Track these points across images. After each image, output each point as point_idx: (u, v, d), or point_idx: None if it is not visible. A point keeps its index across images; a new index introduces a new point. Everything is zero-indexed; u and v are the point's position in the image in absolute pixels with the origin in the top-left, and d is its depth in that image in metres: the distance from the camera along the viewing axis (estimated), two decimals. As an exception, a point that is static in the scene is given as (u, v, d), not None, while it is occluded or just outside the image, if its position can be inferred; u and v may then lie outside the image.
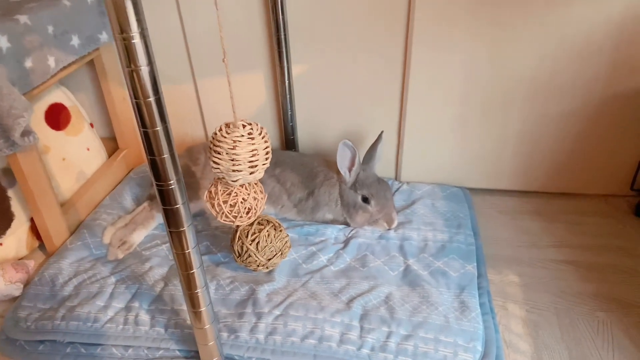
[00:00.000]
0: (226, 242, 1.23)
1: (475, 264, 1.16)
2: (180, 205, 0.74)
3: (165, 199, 0.74)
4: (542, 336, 1.05)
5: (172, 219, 0.76)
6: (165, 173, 0.71)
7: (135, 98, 0.65)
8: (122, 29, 0.60)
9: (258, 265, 1.12)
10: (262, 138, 0.97)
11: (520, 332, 1.06)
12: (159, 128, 0.68)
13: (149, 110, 0.66)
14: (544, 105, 1.32)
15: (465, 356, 0.95)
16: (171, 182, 0.72)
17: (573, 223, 1.35)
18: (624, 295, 1.14)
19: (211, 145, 0.98)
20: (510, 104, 1.33)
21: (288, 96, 1.40)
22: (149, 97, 0.65)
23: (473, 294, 1.08)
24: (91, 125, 1.49)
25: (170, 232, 0.78)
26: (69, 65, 1.25)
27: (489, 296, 1.10)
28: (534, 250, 1.27)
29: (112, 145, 1.57)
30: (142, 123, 0.67)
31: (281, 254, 1.13)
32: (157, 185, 0.73)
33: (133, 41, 0.61)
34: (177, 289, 1.11)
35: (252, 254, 1.09)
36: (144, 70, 0.64)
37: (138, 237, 1.26)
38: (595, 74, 1.26)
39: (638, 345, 1.03)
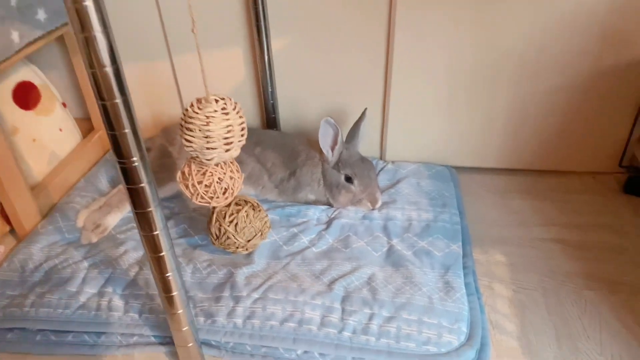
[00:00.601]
0: (204, 225, 1.19)
1: (461, 243, 1.13)
2: (145, 184, 0.70)
3: (129, 177, 0.69)
4: (529, 316, 1.03)
5: (137, 199, 0.71)
6: (127, 149, 0.66)
7: (91, 67, 0.60)
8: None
9: (237, 247, 1.08)
10: (237, 113, 0.93)
11: (506, 313, 1.03)
12: (118, 100, 0.63)
13: (106, 81, 0.61)
14: (531, 81, 1.28)
15: (449, 338, 0.92)
16: (134, 159, 0.67)
17: (561, 201, 1.32)
18: (611, 273, 1.11)
19: (183, 123, 0.93)
20: (498, 80, 1.29)
21: (268, 73, 1.35)
22: (105, 67, 0.60)
23: (458, 274, 1.05)
24: (64, 104, 1.43)
25: (136, 213, 0.73)
26: (36, 40, 1.18)
27: (474, 276, 1.07)
28: (521, 229, 1.24)
29: (87, 126, 1.51)
30: (100, 95, 0.62)
31: (261, 234, 1.09)
32: (119, 163, 0.68)
33: (84, 3, 0.56)
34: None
35: (231, 236, 1.05)
36: (99, 37, 0.59)
37: (113, 220, 1.22)
38: (584, 49, 1.22)
39: (625, 324, 1.00)
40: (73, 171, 1.38)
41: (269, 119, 1.43)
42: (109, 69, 0.60)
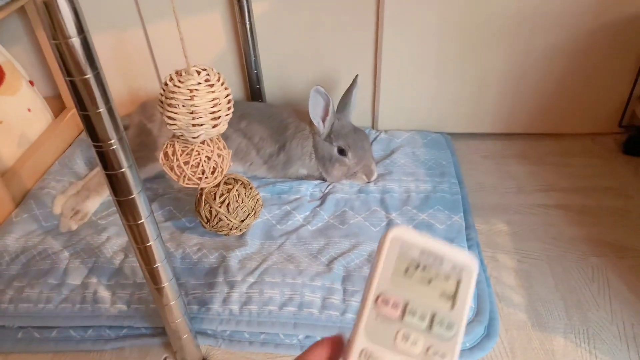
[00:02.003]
0: (191, 206, 1.12)
1: (462, 214, 1.08)
2: (125, 169, 0.63)
3: (107, 162, 0.62)
4: (535, 287, 0.99)
5: (117, 186, 0.64)
6: (103, 131, 0.59)
7: (54, 39, 0.52)
8: None
9: (231, 229, 1.01)
10: (222, 84, 0.85)
11: (512, 284, 1.00)
12: (89, 75, 0.55)
13: (72, 54, 0.53)
14: (527, 41, 1.22)
15: (457, 315, 0.88)
16: (112, 141, 0.60)
17: (560, 165, 1.28)
18: (616, 238, 1.08)
19: (163, 99, 0.85)
20: (492, 41, 1.22)
21: (250, 40, 1.26)
22: (70, 37, 0.52)
23: (462, 246, 1.01)
24: (31, 82, 1.33)
25: (117, 201, 0.66)
26: (-6, 12, 1.08)
27: (478, 248, 1.03)
28: (521, 196, 1.20)
29: (58, 104, 1.41)
30: (67, 71, 0.54)
31: (254, 213, 1.02)
32: (95, 147, 0.60)
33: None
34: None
35: (223, 217, 0.98)
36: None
37: (92, 205, 1.14)
38: (582, 5, 1.15)
39: (634, 290, 0.97)
40: (46, 154, 1.29)
41: (254, 90, 1.34)
42: (75, 39, 0.52)
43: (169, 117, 0.85)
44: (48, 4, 0.50)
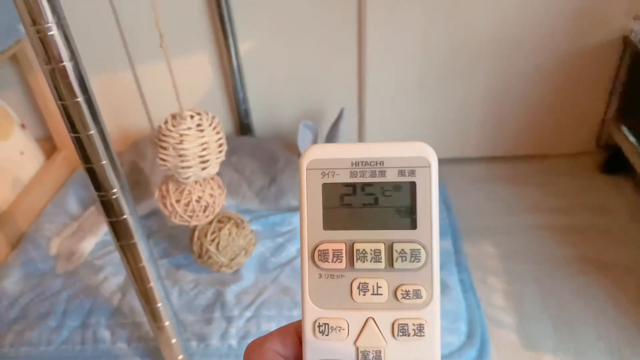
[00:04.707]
0: (185, 242, 1.14)
1: (451, 239, 1.12)
2: (127, 216, 0.65)
3: (110, 210, 0.64)
4: (525, 307, 1.02)
5: (120, 232, 0.67)
6: (106, 182, 0.62)
7: (61, 100, 0.55)
8: (35, 20, 0.50)
9: (220, 266, 1.03)
10: (214, 129, 0.88)
11: (502, 306, 1.03)
12: (93, 131, 0.58)
13: (78, 112, 0.56)
14: (507, 65, 1.27)
15: (450, 339, 0.91)
16: (114, 190, 0.63)
17: (544, 185, 1.33)
18: (600, 255, 1.12)
19: (156, 141, 0.88)
20: (472, 67, 1.28)
21: (238, 77, 1.30)
22: (76, 98, 0.55)
23: (452, 271, 1.04)
24: (22, 126, 1.35)
25: (120, 245, 0.68)
26: (-13, 61, 1.11)
27: (467, 272, 1.06)
28: (508, 218, 1.24)
29: (49, 146, 1.43)
30: (73, 127, 0.57)
31: (245, 252, 1.05)
32: (98, 195, 0.63)
33: (49, 33, 0.51)
34: (137, 298, 1.02)
35: (213, 255, 1.01)
36: (67, 67, 0.54)
37: (88, 245, 1.16)
38: (558, 31, 1.21)
39: (618, 305, 1.01)
40: (39, 196, 1.30)
41: (243, 124, 1.38)
42: (80, 100, 0.56)
43: (161, 159, 0.88)
44: (57, 69, 0.53)
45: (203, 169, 0.89)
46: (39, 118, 1.43)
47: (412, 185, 0.23)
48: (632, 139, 1.23)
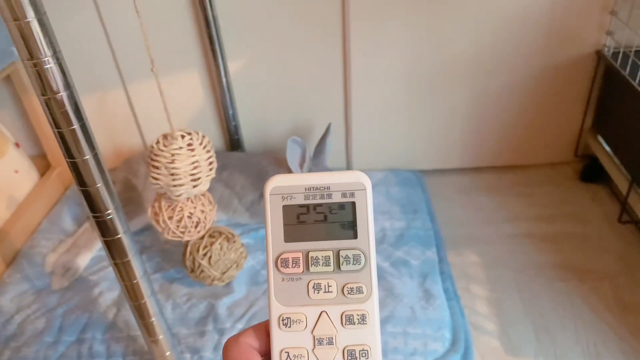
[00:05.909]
0: (178, 257, 1.17)
1: (435, 249, 1.16)
2: (121, 235, 0.69)
3: (104, 229, 0.68)
4: (507, 314, 1.06)
5: (114, 250, 0.70)
6: (101, 203, 0.65)
7: (57, 127, 0.59)
8: (32, 55, 0.54)
9: (213, 280, 1.07)
10: (204, 148, 0.92)
11: (485, 313, 1.07)
12: (88, 156, 0.61)
13: (74, 139, 0.60)
14: (486, 81, 1.32)
15: (434, 346, 0.95)
16: (109, 211, 0.66)
17: (525, 195, 1.37)
18: (578, 262, 1.16)
19: (149, 160, 0.92)
20: (454, 82, 1.32)
21: (227, 95, 1.34)
22: (72, 125, 0.59)
23: (436, 280, 1.08)
24: (17, 144, 1.38)
25: (114, 263, 0.72)
26: (-18, 84, 1.14)
27: (451, 280, 1.10)
28: (490, 227, 1.28)
29: (43, 163, 1.46)
30: (69, 153, 0.61)
31: (237, 265, 1.08)
32: (94, 217, 0.66)
33: (46, 67, 0.54)
34: (131, 313, 1.05)
35: (205, 269, 1.04)
36: (64, 97, 0.57)
37: (83, 261, 1.18)
38: (533, 47, 1.26)
39: (595, 310, 1.05)
40: (34, 213, 1.33)
41: (233, 140, 1.42)
42: (76, 127, 0.59)
43: (153, 177, 0.92)
44: (53, 99, 0.56)
45: (194, 186, 0.93)
46: (33, 135, 1.46)
47: (353, 204, 0.29)
48: (607, 148, 1.28)
